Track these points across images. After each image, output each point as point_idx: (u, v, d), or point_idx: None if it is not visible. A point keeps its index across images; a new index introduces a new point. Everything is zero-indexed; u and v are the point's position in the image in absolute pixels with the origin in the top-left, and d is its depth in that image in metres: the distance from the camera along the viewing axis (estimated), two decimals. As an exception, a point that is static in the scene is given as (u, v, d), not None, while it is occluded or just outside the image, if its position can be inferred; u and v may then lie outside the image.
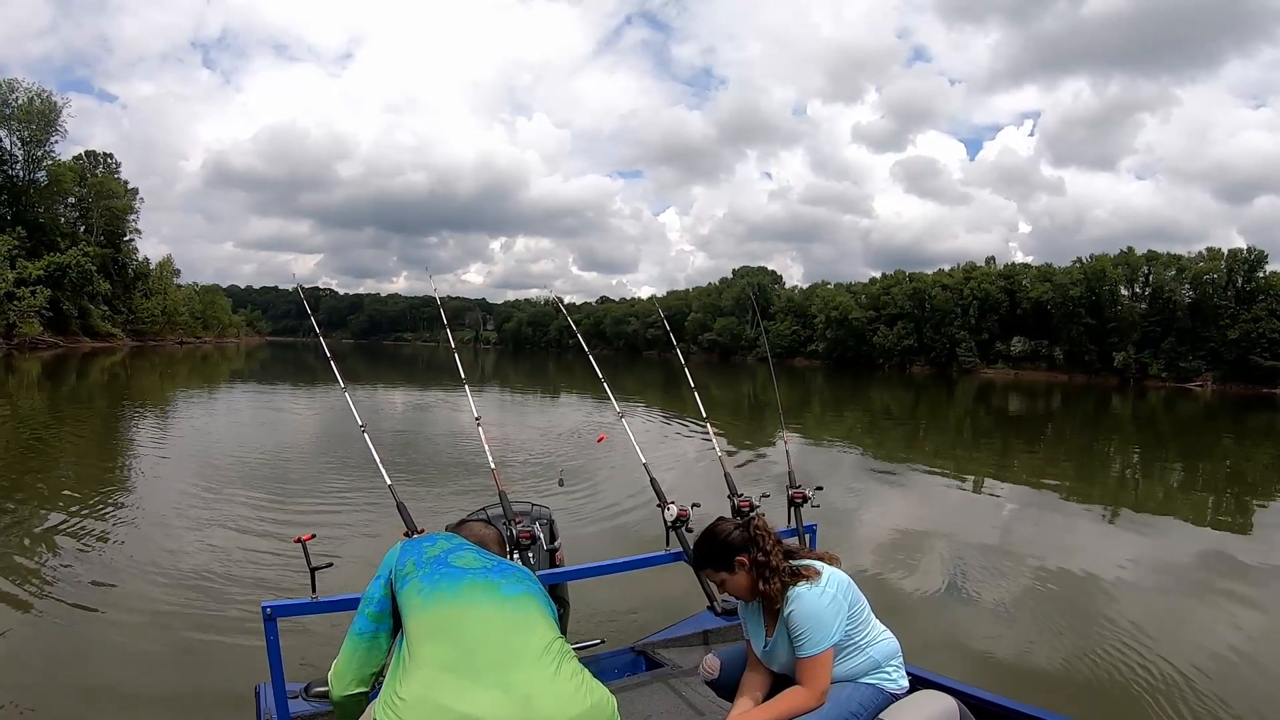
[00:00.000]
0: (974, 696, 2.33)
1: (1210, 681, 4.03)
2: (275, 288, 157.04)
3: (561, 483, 8.18)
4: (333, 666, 1.87)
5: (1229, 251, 57.34)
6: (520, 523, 2.91)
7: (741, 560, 2.22)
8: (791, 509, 3.52)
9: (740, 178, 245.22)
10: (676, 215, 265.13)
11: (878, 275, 78.70)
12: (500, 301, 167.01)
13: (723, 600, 3.22)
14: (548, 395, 28.32)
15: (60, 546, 5.87)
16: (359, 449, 3.39)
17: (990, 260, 73.63)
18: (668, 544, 3.25)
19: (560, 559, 3.24)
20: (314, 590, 2.49)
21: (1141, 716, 3.73)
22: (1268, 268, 55.58)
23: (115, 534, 6.35)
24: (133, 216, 63.47)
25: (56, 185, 54.48)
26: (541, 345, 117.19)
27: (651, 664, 3.27)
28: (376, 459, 3.13)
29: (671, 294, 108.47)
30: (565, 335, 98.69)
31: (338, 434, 12.43)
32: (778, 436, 12.89)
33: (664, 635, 3.50)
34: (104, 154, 63.82)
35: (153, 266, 67.09)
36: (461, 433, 13.19)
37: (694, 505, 3.25)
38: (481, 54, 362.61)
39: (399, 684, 1.54)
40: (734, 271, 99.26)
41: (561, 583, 3.25)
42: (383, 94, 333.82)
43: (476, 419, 3.51)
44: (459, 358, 4.09)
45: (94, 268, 52.52)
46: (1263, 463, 16.17)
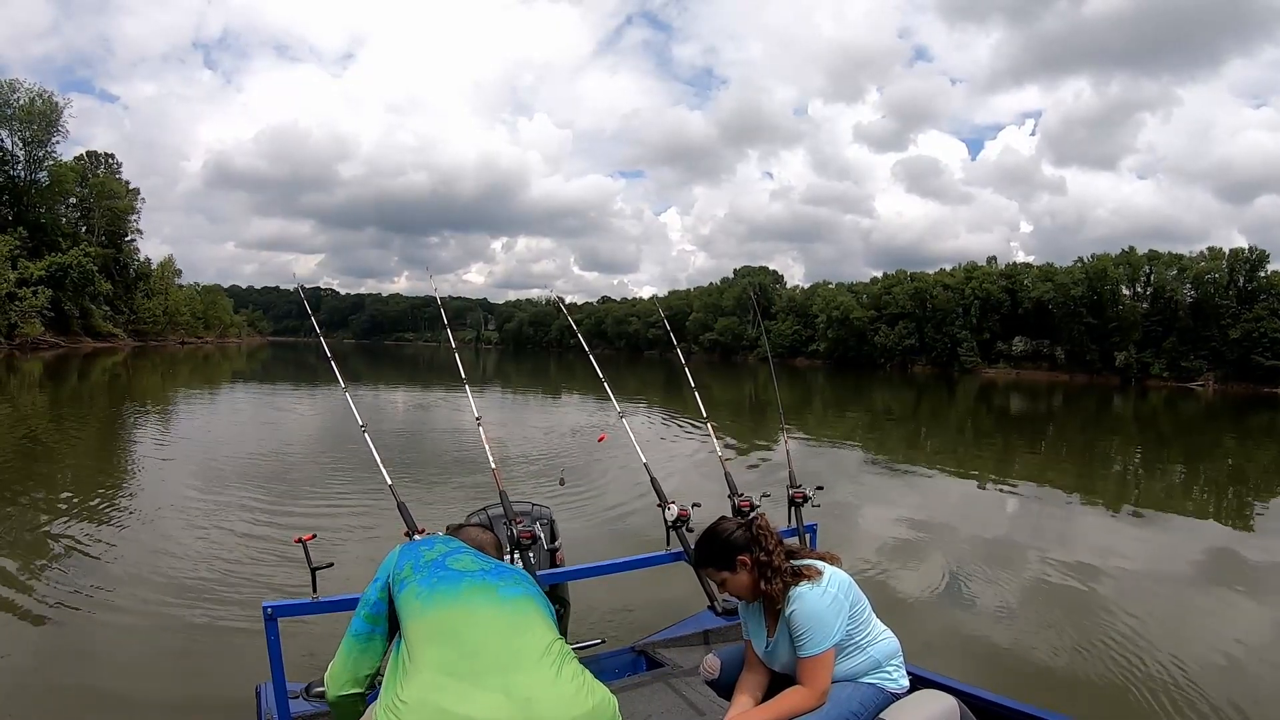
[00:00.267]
0: (974, 696, 2.33)
1: (1211, 681, 4.02)
2: (276, 288, 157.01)
3: (563, 482, 8.21)
4: (329, 667, 1.88)
5: (1230, 251, 57.27)
6: (521, 522, 2.91)
7: (744, 560, 2.22)
8: (792, 508, 3.51)
9: (741, 178, 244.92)
10: (678, 215, 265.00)
11: (879, 275, 78.67)
12: (501, 301, 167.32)
13: (723, 600, 3.22)
14: (549, 395, 28.32)
15: (61, 545, 5.88)
16: (360, 449, 3.39)
17: (992, 260, 73.71)
18: (668, 544, 3.25)
19: (561, 559, 3.24)
20: (315, 590, 2.49)
21: (1142, 716, 3.73)
22: (1269, 267, 55.58)
23: (116, 533, 6.36)
24: (134, 217, 63.71)
25: (58, 185, 54.57)
26: (543, 345, 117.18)
27: (652, 664, 3.27)
28: (377, 459, 3.14)
29: (673, 294, 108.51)
30: (567, 335, 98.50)
31: (339, 434, 12.44)
32: (778, 436, 12.88)
33: (664, 635, 3.51)
34: (105, 154, 64.05)
35: (154, 267, 67.30)
36: (462, 432, 13.20)
37: (694, 505, 3.25)
38: (483, 54, 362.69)
39: (400, 687, 1.54)
40: (735, 271, 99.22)
41: (562, 583, 3.25)
42: (384, 94, 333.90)
43: (477, 419, 3.51)
44: (460, 358, 4.08)
45: (95, 268, 52.58)
46: (1264, 462, 16.15)
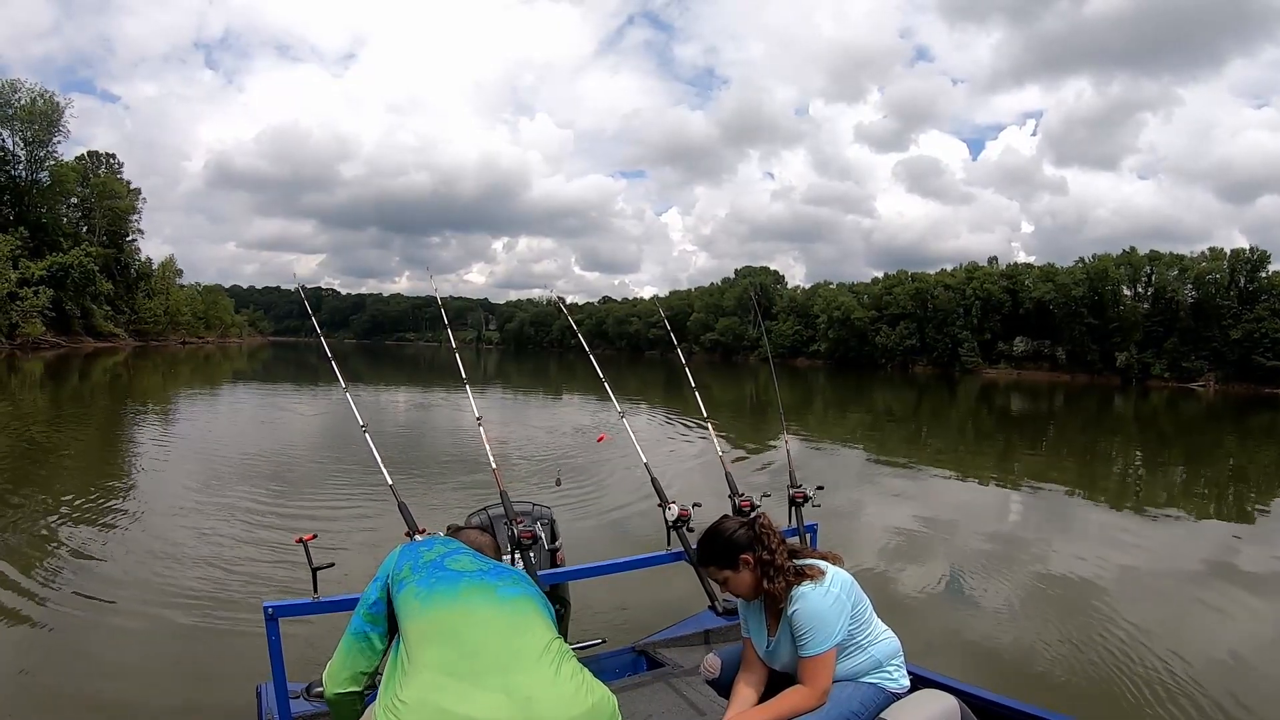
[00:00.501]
0: (975, 696, 2.33)
1: (1212, 681, 4.02)
2: (278, 288, 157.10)
3: (559, 482, 8.16)
4: (328, 666, 1.88)
5: (1231, 251, 57.20)
6: (521, 522, 2.90)
7: (746, 559, 2.22)
8: (792, 508, 3.51)
9: (742, 178, 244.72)
10: (679, 215, 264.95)
11: (880, 275, 78.69)
12: (503, 301, 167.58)
13: (724, 600, 3.22)
14: (550, 395, 28.32)
15: (61, 545, 5.88)
16: (360, 449, 3.39)
17: (993, 260, 73.77)
18: (669, 544, 3.24)
19: (561, 559, 3.24)
20: (315, 590, 2.49)
21: (1143, 716, 3.72)
22: (1270, 268, 55.47)
23: (117, 533, 6.37)
24: (135, 217, 63.80)
25: (59, 185, 54.63)
26: (544, 345, 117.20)
27: (653, 663, 3.27)
28: (378, 458, 3.14)
29: (674, 294, 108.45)
30: (568, 335, 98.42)
31: (339, 433, 12.46)
32: (779, 436, 12.88)
33: (665, 635, 3.50)
34: (106, 154, 64.21)
35: (155, 267, 67.40)
36: (463, 432, 13.22)
37: (695, 505, 3.24)
38: (484, 54, 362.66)
39: (399, 687, 1.54)
40: (736, 271, 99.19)
41: (562, 583, 3.25)
42: (385, 94, 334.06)
43: (478, 419, 3.50)
44: (460, 358, 4.07)
45: (96, 268, 52.66)
46: (1265, 463, 16.13)
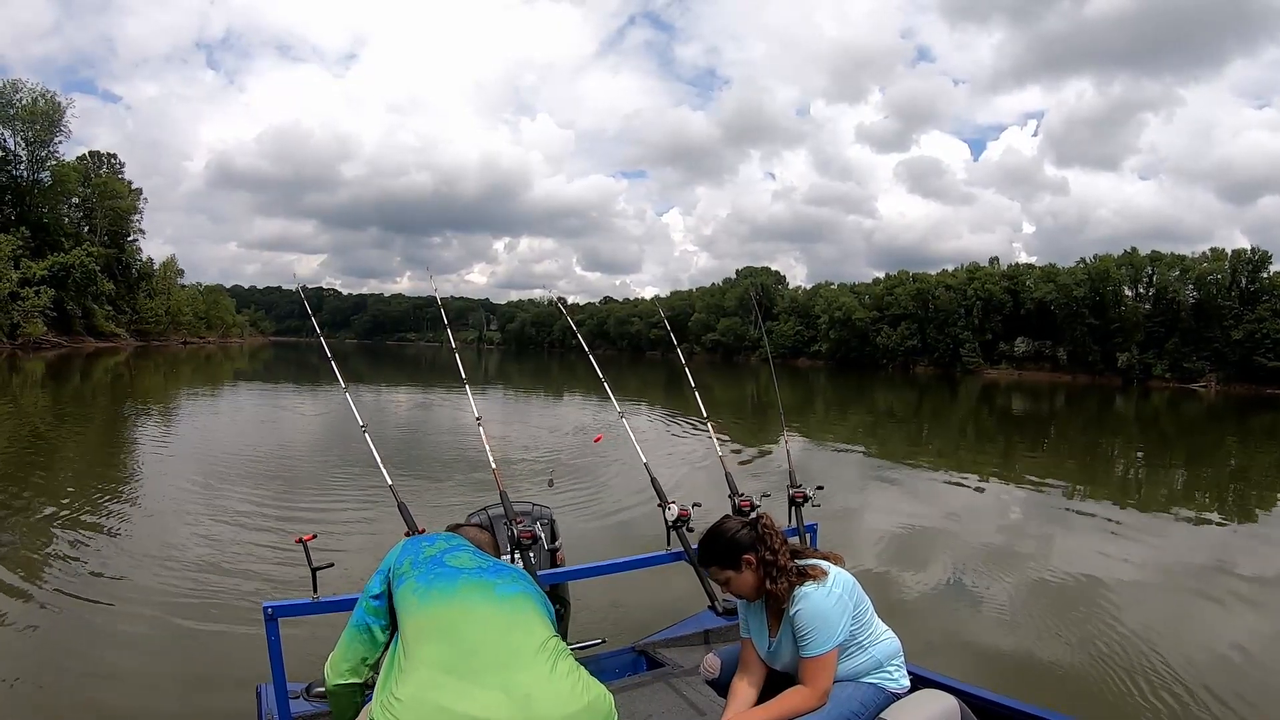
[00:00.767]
0: (975, 696, 2.33)
1: (1212, 682, 4.01)
2: (279, 288, 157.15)
3: (551, 483, 8.11)
4: (329, 657, 1.89)
5: (1233, 252, 57.12)
6: (521, 522, 2.90)
7: (748, 559, 2.21)
8: (792, 508, 3.51)
9: (744, 178, 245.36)
10: (680, 215, 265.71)
11: (881, 275, 78.70)
12: (504, 302, 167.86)
13: (724, 600, 3.22)
14: (550, 396, 28.33)
15: (62, 545, 5.88)
16: (360, 449, 3.39)
17: (994, 260, 73.63)
18: (669, 544, 3.24)
19: (561, 559, 3.24)
20: (315, 590, 2.49)
21: (1143, 717, 3.72)
22: (1272, 268, 55.44)
23: (117, 533, 6.37)
24: (136, 217, 63.80)
25: (60, 185, 54.66)
26: (545, 346, 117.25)
27: (652, 663, 3.27)
28: (378, 458, 3.14)
29: (675, 294, 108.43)
30: (569, 336, 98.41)
31: (339, 434, 12.46)
32: (779, 437, 12.88)
33: (665, 635, 3.50)
34: (108, 154, 64.30)
35: (156, 267, 67.47)
36: (463, 432, 13.20)
37: (695, 505, 3.24)
38: (485, 54, 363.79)
39: (395, 684, 1.53)
40: (737, 272, 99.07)
41: (562, 582, 3.25)
42: (386, 94, 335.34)
43: (478, 419, 3.51)
44: (461, 358, 4.08)
45: (98, 268, 52.70)
46: (1266, 463, 16.11)
